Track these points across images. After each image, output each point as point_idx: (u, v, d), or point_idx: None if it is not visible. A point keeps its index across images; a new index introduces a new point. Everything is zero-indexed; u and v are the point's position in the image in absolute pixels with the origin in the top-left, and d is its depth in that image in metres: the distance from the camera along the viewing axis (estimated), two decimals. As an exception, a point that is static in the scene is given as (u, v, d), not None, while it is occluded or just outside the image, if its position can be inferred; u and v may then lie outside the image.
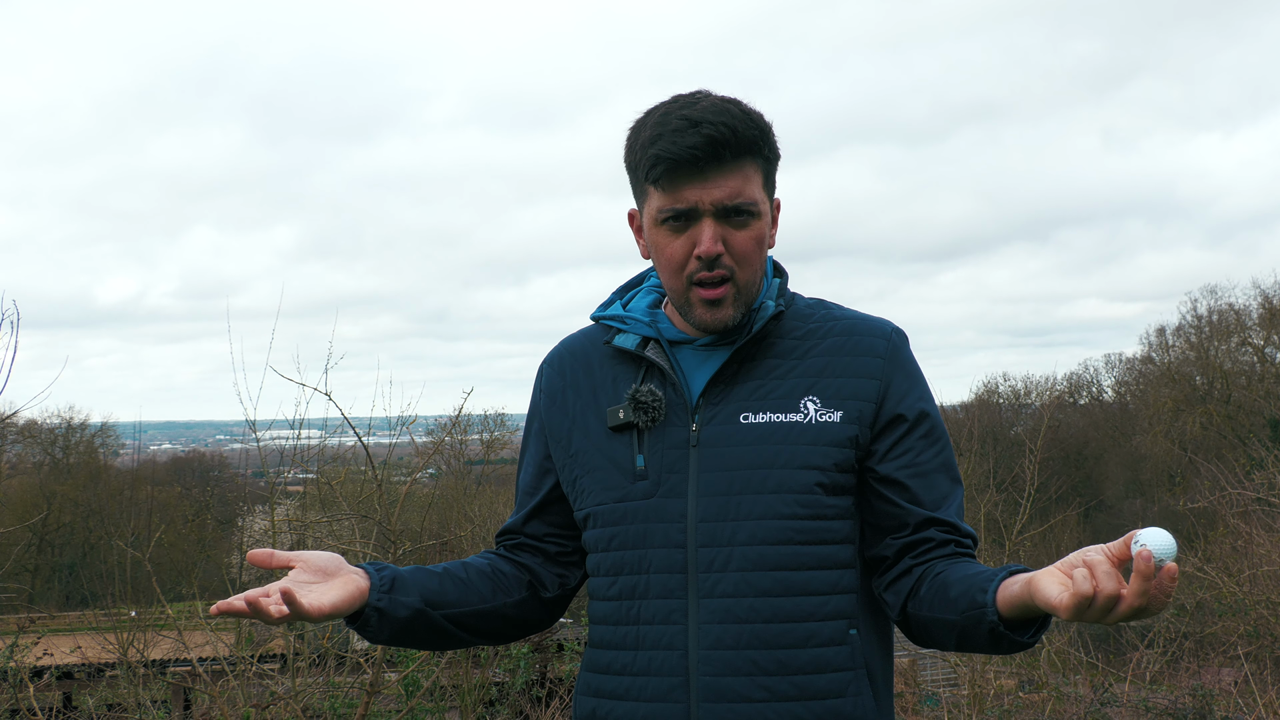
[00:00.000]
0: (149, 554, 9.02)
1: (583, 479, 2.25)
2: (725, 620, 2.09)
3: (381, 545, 8.87)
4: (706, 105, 2.10)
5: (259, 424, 8.65)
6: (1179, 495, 25.07)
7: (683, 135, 2.06)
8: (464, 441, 24.88)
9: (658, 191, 2.13)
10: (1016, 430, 40.56)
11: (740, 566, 2.09)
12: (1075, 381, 47.91)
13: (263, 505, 14.19)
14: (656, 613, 2.13)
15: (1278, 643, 11.63)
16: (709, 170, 2.08)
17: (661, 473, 2.16)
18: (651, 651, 2.13)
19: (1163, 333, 43.12)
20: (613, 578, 2.20)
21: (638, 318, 2.28)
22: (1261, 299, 39.76)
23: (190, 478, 41.11)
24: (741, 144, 2.09)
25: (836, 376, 2.17)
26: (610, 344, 2.30)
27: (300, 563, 2.09)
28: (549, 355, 2.42)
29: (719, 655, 2.08)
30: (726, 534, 2.10)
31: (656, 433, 2.18)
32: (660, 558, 2.14)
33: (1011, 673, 12.68)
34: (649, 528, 2.15)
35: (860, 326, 2.24)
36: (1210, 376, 39.73)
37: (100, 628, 12.47)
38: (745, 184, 2.12)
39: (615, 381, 2.27)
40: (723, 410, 2.17)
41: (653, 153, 2.09)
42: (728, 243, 2.12)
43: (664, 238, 2.16)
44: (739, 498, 2.11)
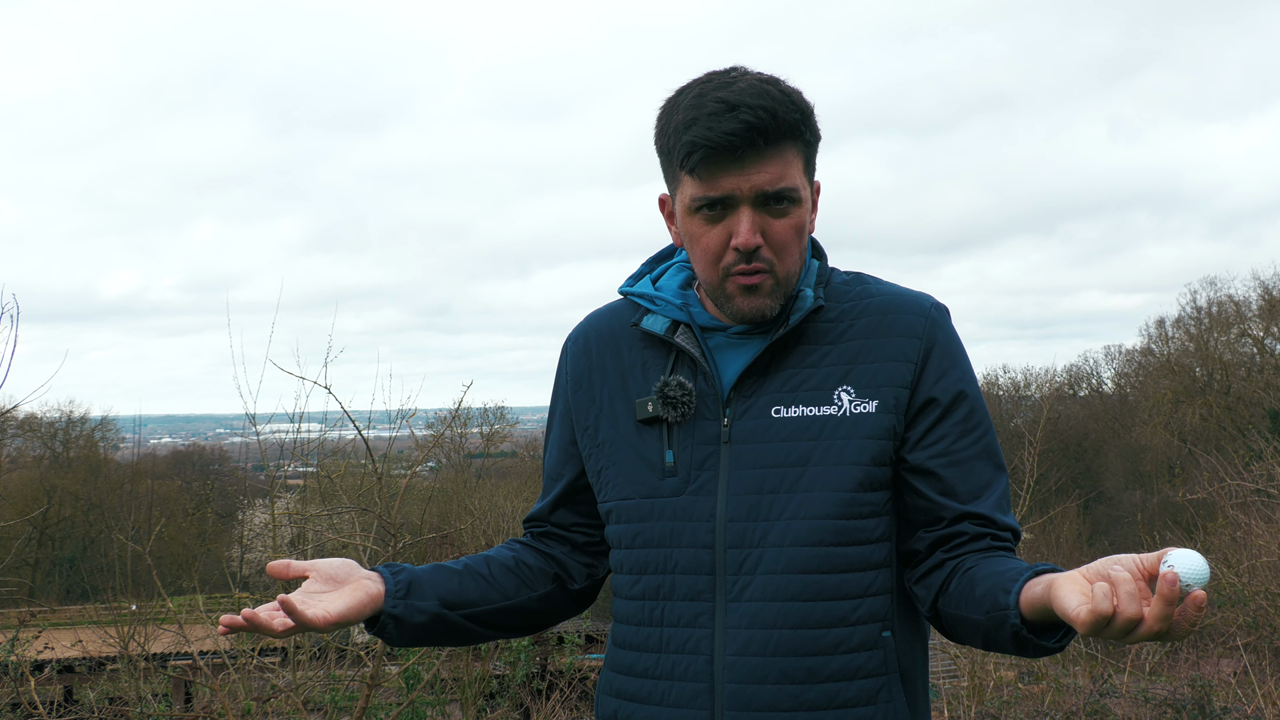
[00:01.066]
0: (149, 547, 9.03)
1: (608, 470, 2.17)
2: (753, 625, 2.00)
3: (381, 538, 8.88)
4: (744, 86, 1.97)
5: (259, 417, 8.67)
6: (1178, 487, 25.08)
7: (719, 120, 1.94)
8: (464, 435, 24.90)
9: (692, 179, 2.01)
10: (1016, 422, 40.55)
11: (770, 569, 2.00)
12: (1075, 373, 47.93)
13: (263, 499, 14.21)
14: (682, 615, 2.05)
15: (1277, 634, 11.65)
16: (747, 157, 1.96)
17: (691, 469, 2.07)
18: (676, 655, 2.05)
19: (1162, 324, 43.13)
20: (636, 576, 2.12)
21: (669, 299, 2.17)
22: (1261, 290, 39.76)
23: (190, 471, 41.13)
24: (782, 128, 1.97)
25: (872, 362, 2.06)
26: (638, 326, 2.19)
27: (313, 572, 2.03)
28: (574, 333, 2.31)
29: (746, 662, 1.99)
30: (757, 535, 2.01)
31: (686, 427, 2.09)
32: (687, 558, 2.05)
33: (1011, 664, 12.69)
34: (676, 526, 2.07)
35: (896, 304, 2.12)
36: (1210, 368, 39.72)
37: (101, 621, 12.47)
38: (785, 170, 2.00)
39: (645, 368, 2.16)
40: (755, 403, 2.07)
41: (687, 139, 1.97)
42: (766, 233, 2.01)
43: (699, 227, 2.04)
44: (771, 497, 2.02)
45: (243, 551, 22.72)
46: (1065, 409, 42.50)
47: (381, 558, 8.74)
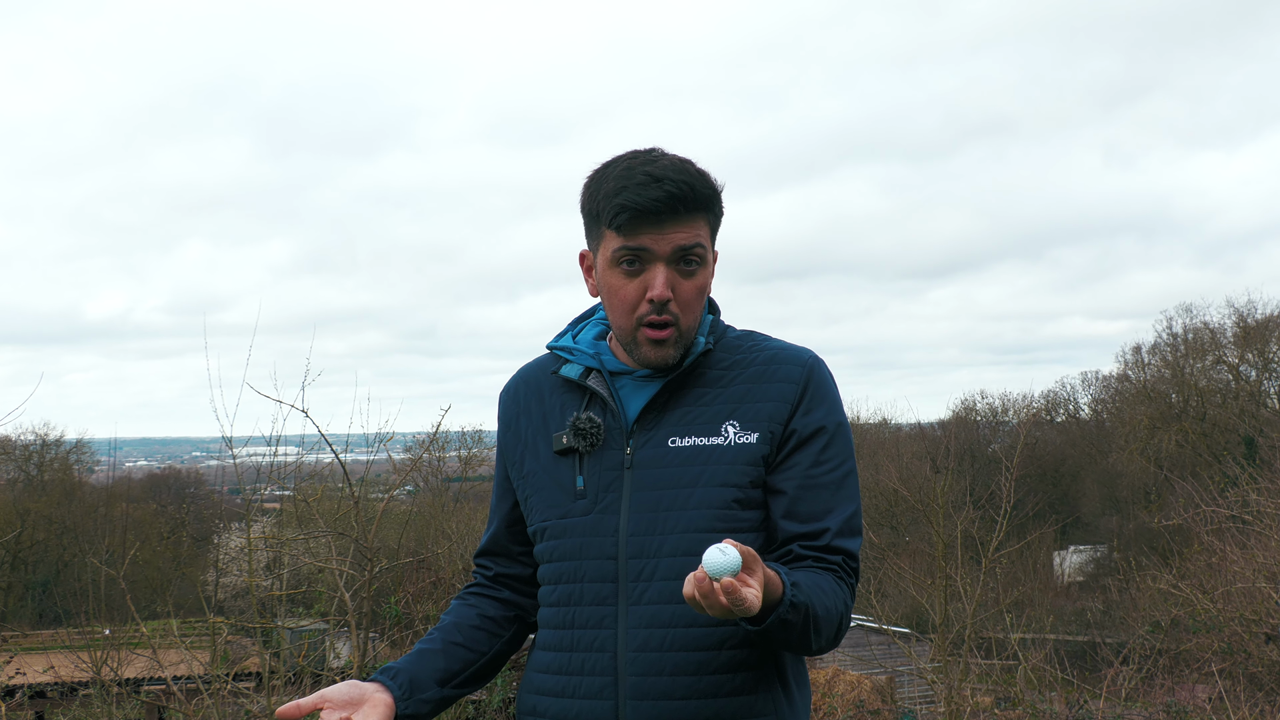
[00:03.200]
0: (123, 571, 8.98)
1: (532, 497, 2.48)
2: (651, 625, 2.30)
3: (358, 563, 8.85)
4: (667, 164, 2.32)
5: (236, 441, 8.63)
6: (1154, 512, 25.19)
7: (646, 188, 2.28)
8: (442, 458, 24.83)
9: (617, 235, 2.34)
10: (994, 448, 40.74)
11: (665, 576, 2.30)
12: (1052, 399, 48.24)
13: (239, 522, 14.16)
14: (590, 618, 2.35)
15: (1252, 660, 11.69)
16: (666, 221, 2.30)
17: (599, 491, 2.38)
18: (585, 653, 2.35)
19: (1139, 351, 43.43)
20: (553, 585, 2.42)
21: (583, 349, 2.49)
22: (1236, 317, 40.08)
23: (166, 495, 40.97)
24: (698, 200, 2.32)
25: (755, 401, 2.37)
26: (557, 373, 2.52)
27: (326, 703, 2.30)
28: (507, 384, 2.65)
29: (645, 657, 2.29)
30: (654, 546, 2.32)
31: (596, 456, 2.40)
32: (594, 568, 2.36)
33: (988, 690, 12.71)
34: (585, 541, 2.37)
35: (780, 356, 2.44)
36: (1185, 394, 39.98)
37: (74, 646, 12.39)
38: (696, 235, 2.34)
39: (563, 409, 2.48)
40: (655, 435, 2.38)
41: (618, 201, 2.29)
42: (675, 290, 2.34)
43: (618, 279, 2.36)
44: (665, 514, 2.33)
45: (218, 575, 22.63)
46: (1042, 434, 42.70)
47: (358, 581, 8.71)
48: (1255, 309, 40.34)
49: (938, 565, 13.49)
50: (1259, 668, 11.55)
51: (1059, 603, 26.02)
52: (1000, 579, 15.22)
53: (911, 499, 17.28)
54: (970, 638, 12.39)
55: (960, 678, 11.45)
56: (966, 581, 12.95)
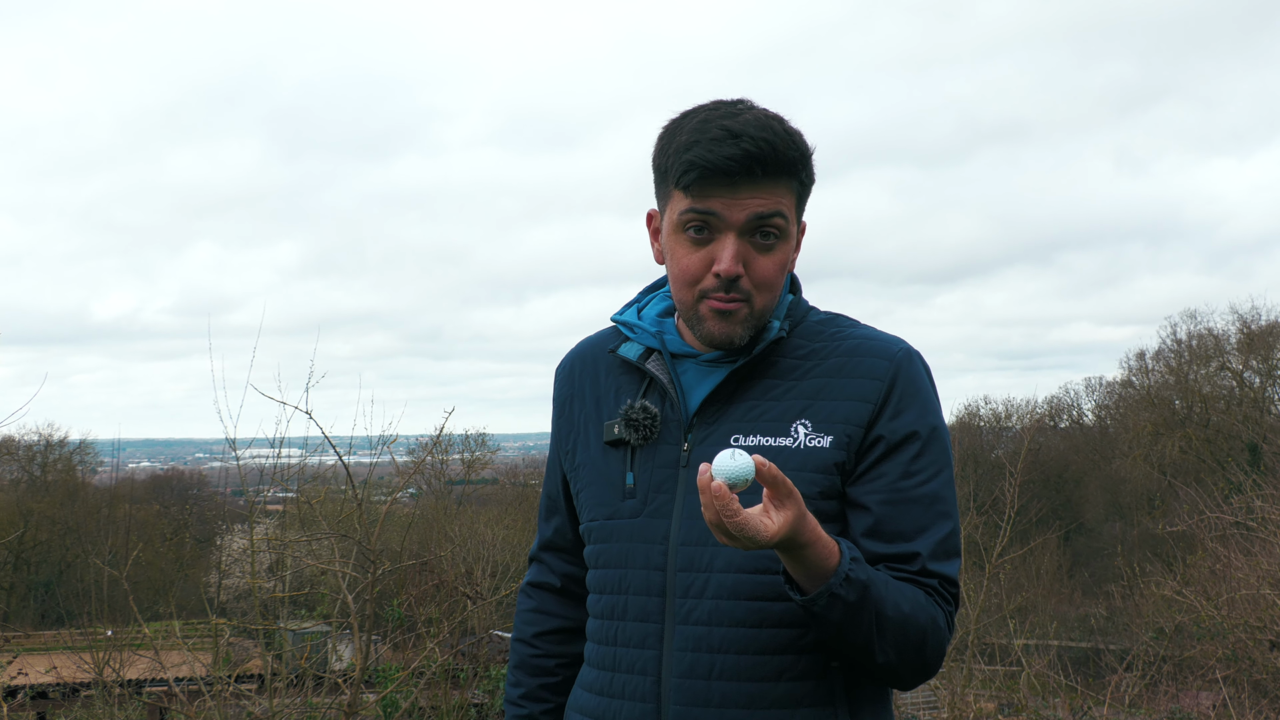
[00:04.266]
0: (126, 572, 8.98)
1: (582, 493, 2.22)
2: (699, 649, 2.02)
3: (361, 565, 8.83)
4: (749, 118, 2.01)
5: (239, 442, 8.62)
6: (1158, 518, 25.15)
7: (721, 145, 1.98)
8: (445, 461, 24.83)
9: (684, 195, 2.04)
10: (997, 453, 40.62)
11: (717, 594, 2.02)
12: (1055, 405, 48.08)
13: (242, 524, 14.13)
14: (633, 635, 2.09)
15: (1256, 666, 11.66)
16: (741, 184, 2.00)
17: (649, 491, 2.11)
18: (626, 675, 2.09)
19: (1142, 357, 43.31)
20: (599, 595, 2.17)
21: (645, 326, 2.21)
22: (1240, 324, 40.01)
23: (169, 496, 40.94)
24: (780, 162, 2.01)
25: (831, 399, 2.07)
26: (615, 352, 2.24)
27: None
28: (563, 360, 2.37)
29: (691, 685, 2.02)
30: (706, 559, 2.04)
31: (649, 450, 2.13)
32: (639, 579, 2.09)
33: (991, 695, 12.68)
34: (631, 547, 2.11)
35: (865, 347, 2.12)
36: (1189, 401, 39.89)
37: (76, 647, 12.39)
38: (776, 203, 2.03)
39: (617, 393, 2.21)
40: (716, 430, 2.09)
41: (687, 158, 2.00)
42: (748, 264, 2.05)
43: (683, 247, 2.07)
44: None
45: (220, 577, 22.61)
46: (1046, 440, 42.61)
47: (360, 584, 8.70)
48: (1259, 315, 40.26)
49: (941, 570, 13.45)
50: (1263, 675, 11.51)
51: (1062, 609, 25.96)
52: (1004, 585, 15.17)
53: (915, 504, 17.18)
54: (974, 643, 12.36)
55: (964, 684, 11.41)
56: (970, 587, 12.92)
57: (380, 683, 9.67)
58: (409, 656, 10.51)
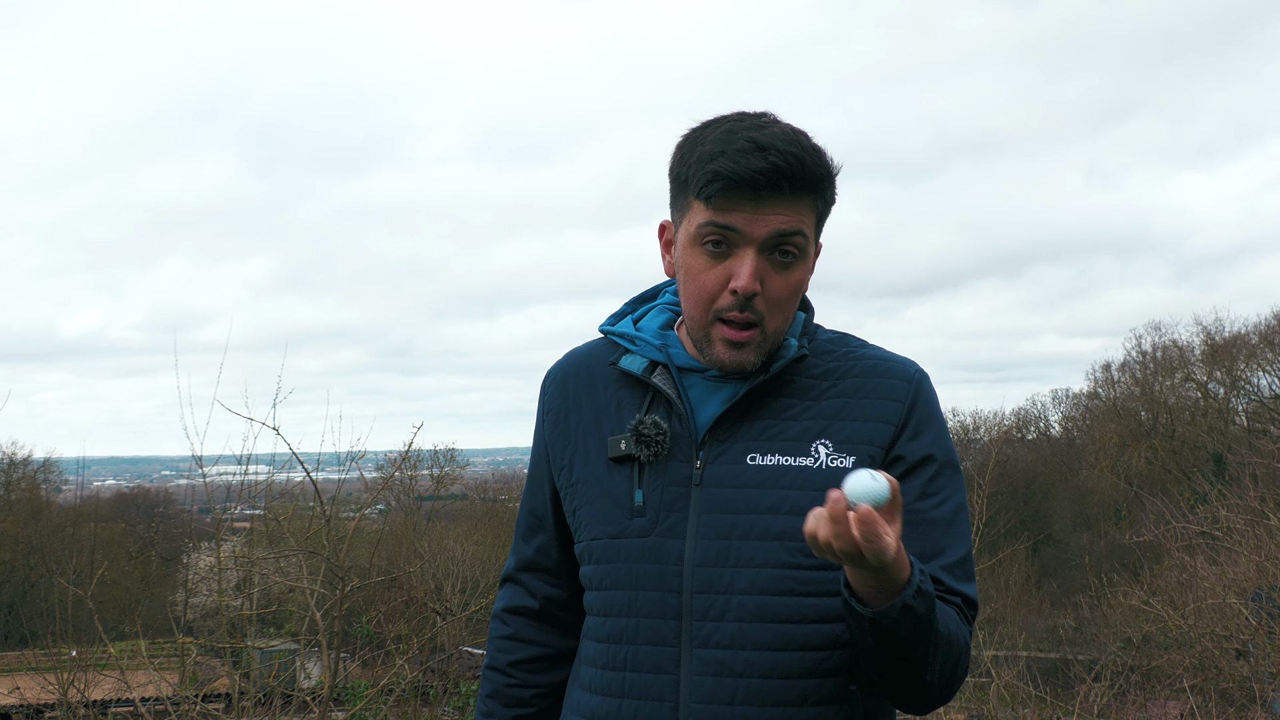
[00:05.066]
0: (91, 592, 8.90)
1: (581, 510, 2.11)
2: (720, 674, 1.94)
3: (329, 582, 8.79)
4: (776, 131, 1.95)
5: (206, 459, 8.57)
6: (1125, 529, 25.28)
7: (748, 157, 1.91)
8: (414, 477, 24.75)
9: (704, 206, 1.97)
10: (965, 465, 40.72)
11: (738, 617, 1.95)
12: (1023, 417, 48.34)
13: (209, 542, 14.03)
14: (646, 660, 2.00)
15: (1222, 675, 11.74)
16: (765, 199, 1.94)
17: (660, 510, 2.02)
18: (639, 701, 1.99)
19: (1108, 368, 43.66)
20: (603, 618, 2.07)
21: (648, 339, 2.13)
22: (1204, 335, 40.37)
23: (135, 514, 40.61)
24: (807, 179, 1.96)
25: (852, 420, 2.02)
26: (616, 364, 2.14)
27: None
28: (552, 370, 2.27)
29: (712, 710, 1.94)
30: (725, 581, 1.96)
31: (658, 467, 2.04)
32: (653, 601, 2.00)
33: (961, 707, 12.70)
34: (643, 568, 2.01)
35: (882, 368, 2.08)
36: (1155, 412, 40.21)
37: (40, 667, 12.27)
38: (799, 221, 1.97)
39: (620, 407, 2.11)
40: (730, 449, 2.02)
41: (712, 168, 1.93)
42: (765, 283, 1.97)
43: (699, 260, 2.00)
44: (740, 543, 1.97)
45: (187, 595, 22.45)
46: (1013, 452, 42.81)
47: (328, 601, 8.65)
48: (1223, 327, 40.68)
49: (910, 582, 13.49)
50: (1230, 683, 11.59)
51: (1031, 620, 26.07)
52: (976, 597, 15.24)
53: (884, 516, 17.21)
54: (943, 655, 12.39)
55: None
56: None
57: (349, 700, 9.62)
58: (378, 674, 10.46)
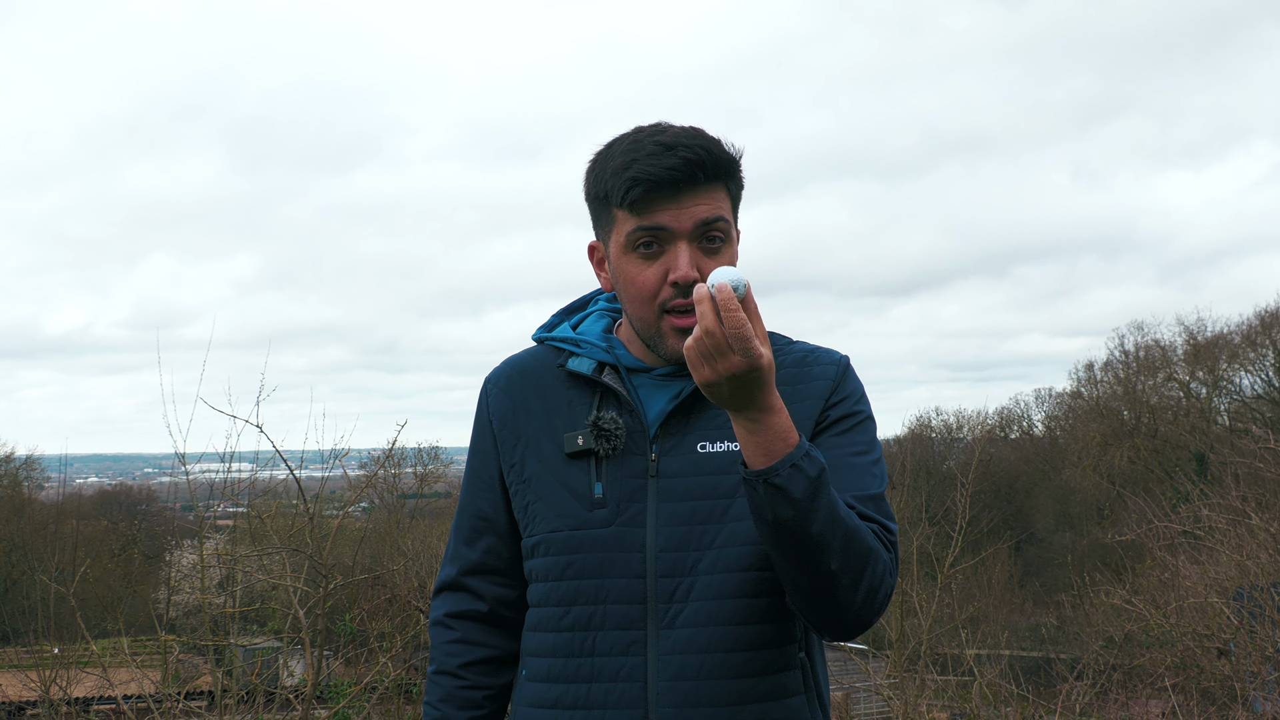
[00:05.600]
0: (73, 589, 8.87)
1: (535, 504, 2.19)
2: (686, 651, 2.06)
3: (313, 580, 8.77)
4: (677, 131, 2.10)
5: (189, 457, 8.53)
6: (1107, 528, 25.35)
7: (659, 157, 2.05)
8: (398, 475, 24.69)
9: (630, 215, 2.10)
10: (949, 464, 40.89)
11: (702, 596, 2.07)
12: (1006, 416, 48.52)
13: (191, 539, 13.99)
14: (614, 644, 2.09)
15: (1204, 674, 11.78)
16: (684, 192, 2.07)
17: (621, 501, 2.12)
18: (609, 684, 2.09)
19: (1091, 368, 43.83)
20: (565, 608, 2.14)
21: (593, 341, 2.24)
22: (1186, 335, 40.55)
23: (117, 511, 40.49)
24: (719, 165, 2.09)
25: (792, 403, 2.11)
26: (564, 367, 2.24)
27: None
28: (493, 375, 2.34)
29: (680, 686, 2.06)
30: (688, 564, 2.08)
31: (615, 461, 2.14)
32: (619, 588, 2.10)
33: (944, 705, 12.75)
34: (608, 557, 2.11)
35: (811, 358, 2.24)
36: (1137, 411, 40.38)
37: (21, 665, 12.21)
38: (718, 208, 2.10)
39: (571, 406, 2.21)
40: (682, 440, 2.14)
41: (629, 176, 2.06)
42: (701, 271, 2.08)
43: (635, 265, 2.12)
44: (700, 527, 2.09)
45: (170, 593, 22.35)
46: (997, 451, 42.95)
47: (312, 599, 8.64)
48: (1205, 327, 40.90)
49: (894, 581, 13.52)
50: (1211, 682, 11.64)
51: (1014, 618, 26.16)
52: (955, 595, 15.24)
53: (868, 515, 17.25)
54: (926, 654, 12.42)
55: (916, 694, 11.47)
56: (922, 597, 12.99)
57: (332, 698, 9.59)
58: (361, 672, 10.43)
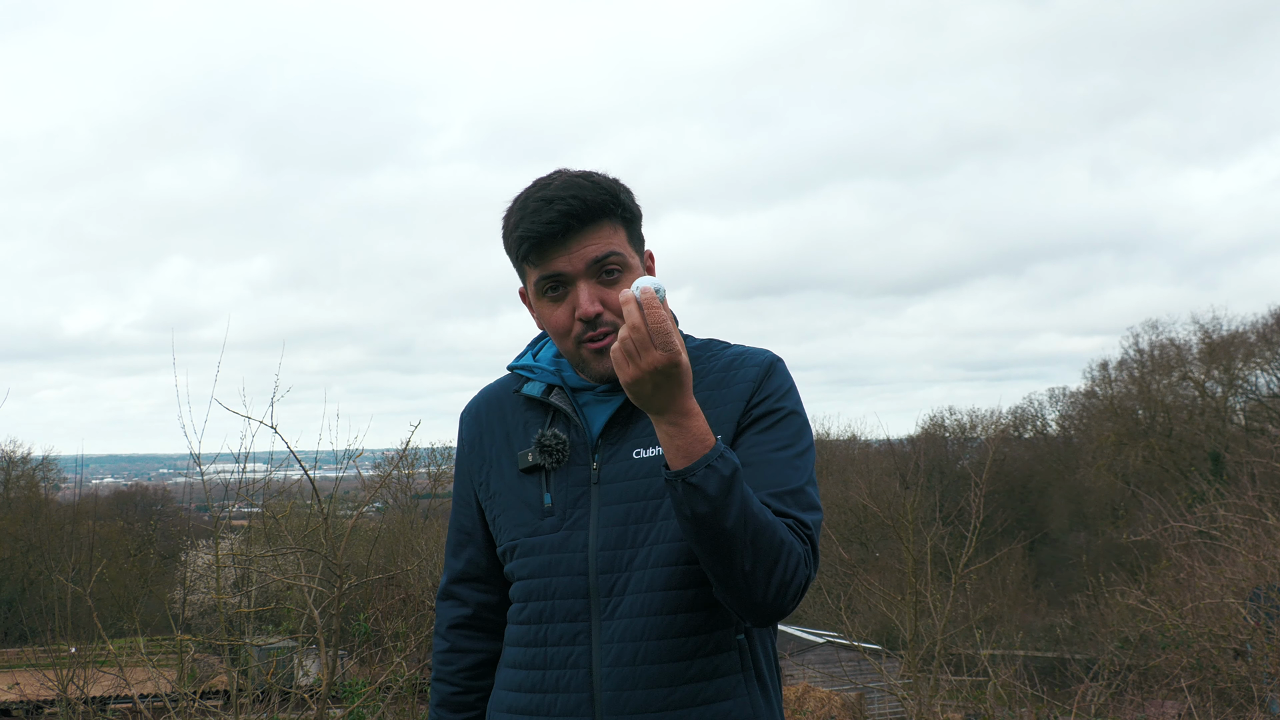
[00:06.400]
0: (90, 589, 8.91)
1: (500, 517, 2.47)
2: (625, 639, 2.29)
3: (327, 579, 8.80)
4: (559, 184, 2.34)
5: (204, 457, 8.56)
6: (1122, 528, 25.32)
7: (540, 214, 2.31)
8: (411, 475, 24.75)
9: (532, 268, 2.38)
10: (962, 464, 40.86)
11: (636, 589, 2.30)
12: (1020, 415, 48.46)
13: (207, 539, 14.05)
14: (563, 634, 2.34)
15: (1220, 675, 11.75)
16: (570, 239, 2.32)
17: (566, 508, 2.38)
18: (559, 670, 2.34)
19: (1105, 367, 43.70)
20: (523, 604, 2.41)
21: (544, 367, 2.50)
22: (1201, 334, 40.40)
23: (133, 512, 40.66)
24: (592, 210, 2.32)
25: (716, 406, 2.35)
26: (519, 392, 2.53)
27: None
28: (468, 406, 2.64)
29: (620, 671, 2.28)
30: (624, 560, 2.32)
31: (562, 472, 2.40)
32: (564, 585, 2.35)
33: (958, 705, 12.73)
34: (554, 558, 2.36)
35: (738, 360, 2.44)
36: (1152, 410, 40.26)
37: (39, 664, 12.28)
38: (607, 245, 2.34)
39: (526, 426, 2.49)
40: (621, 448, 2.38)
41: (518, 235, 2.35)
42: (605, 301, 2.34)
43: (547, 308, 2.39)
44: (635, 526, 2.32)
45: (185, 593, 22.43)
46: (1010, 450, 42.88)
47: (326, 599, 8.66)
48: (1220, 325, 40.73)
49: (907, 581, 13.53)
50: (1228, 683, 11.61)
51: (1028, 619, 26.11)
52: (970, 595, 15.26)
53: (881, 515, 17.34)
54: (940, 654, 12.42)
55: (930, 694, 11.47)
56: (936, 597, 12.99)
57: (347, 698, 9.62)
58: (375, 671, 10.46)
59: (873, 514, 20.77)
